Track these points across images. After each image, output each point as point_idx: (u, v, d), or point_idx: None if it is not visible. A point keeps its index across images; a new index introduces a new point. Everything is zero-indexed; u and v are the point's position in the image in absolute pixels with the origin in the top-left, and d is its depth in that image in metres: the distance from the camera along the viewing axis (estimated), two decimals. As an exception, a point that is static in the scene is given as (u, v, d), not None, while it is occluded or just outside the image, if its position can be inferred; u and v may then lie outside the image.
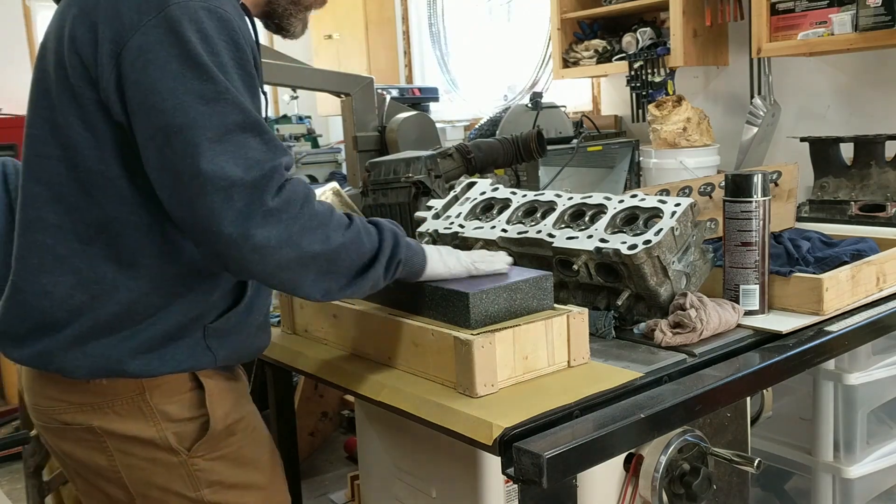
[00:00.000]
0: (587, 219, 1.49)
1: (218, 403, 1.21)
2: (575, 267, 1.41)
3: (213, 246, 1.04)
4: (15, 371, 1.95)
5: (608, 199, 1.50)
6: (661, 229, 1.35)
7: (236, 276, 1.19)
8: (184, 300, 1.16)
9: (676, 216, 1.36)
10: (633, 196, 1.48)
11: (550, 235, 1.46)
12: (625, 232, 1.39)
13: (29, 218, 1.17)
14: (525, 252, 1.47)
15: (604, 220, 1.44)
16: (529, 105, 3.14)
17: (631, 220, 1.43)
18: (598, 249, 1.37)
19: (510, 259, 1.34)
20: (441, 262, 1.25)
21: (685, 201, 1.39)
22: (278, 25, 1.33)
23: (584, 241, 1.41)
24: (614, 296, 1.39)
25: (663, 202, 1.41)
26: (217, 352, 1.20)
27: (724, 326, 1.36)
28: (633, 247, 1.33)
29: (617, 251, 1.34)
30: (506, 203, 1.61)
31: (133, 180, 1.11)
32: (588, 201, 1.52)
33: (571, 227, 1.48)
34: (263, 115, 1.18)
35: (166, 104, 1.02)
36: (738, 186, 1.43)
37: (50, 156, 1.14)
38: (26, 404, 1.27)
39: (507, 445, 1.00)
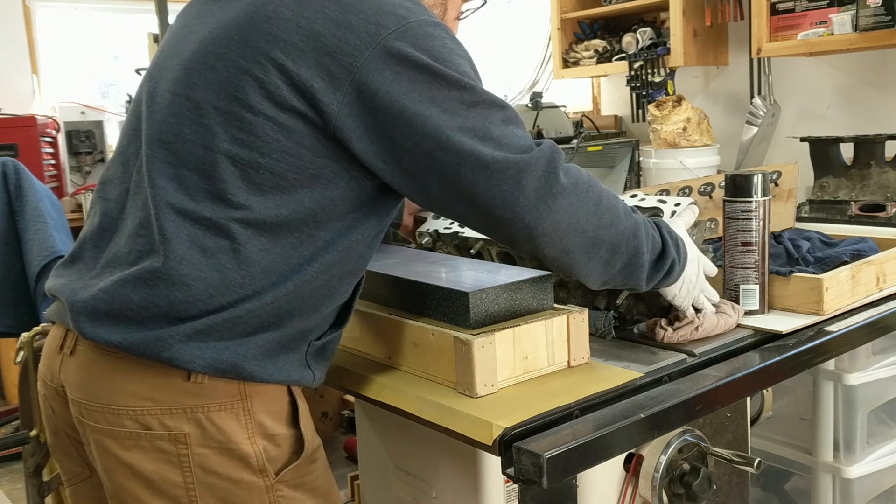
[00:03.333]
0: (587, 219, 1.49)
1: (307, 425, 1.15)
2: (575, 267, 1.41)
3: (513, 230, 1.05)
4: (15, 371, 1.94)
5: (608, 199, 1.50)
6: (661, 229, 1.35)
7: (527, 254, 1.16)
8: (305, 309, 1.10)
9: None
10: (633, 196, 1.48)
11: (550, 235, 1.46)
12: (625, 232, 1.39)
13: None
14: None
15: (604, 220, 1.44)
16: (529, 105, 3.14)
17: (631, 220, 1.42)
18: (598, 249, 1.36)
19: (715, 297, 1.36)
20: (677, 289, 1.27)
21: (685, 201, 1.39)
22: None
23: (584, 241, 1.41)
24: (614, 296, 1.39)
25: (663, 202, 1.41)
26: (314, 370, 1.15)
27: (724, 326, 1.36)
28: (633, 247, 1.33)
29: (617, 251, 1.34)
30: (506, 203, 1.60)
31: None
32: (588, 201, 1.52)
33: (571, 227, 1.48)
34: None
35: None
36: (738, 186, 1.43)
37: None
38: (73, 402, 1.10)
39: (507, 445, 0.99)
